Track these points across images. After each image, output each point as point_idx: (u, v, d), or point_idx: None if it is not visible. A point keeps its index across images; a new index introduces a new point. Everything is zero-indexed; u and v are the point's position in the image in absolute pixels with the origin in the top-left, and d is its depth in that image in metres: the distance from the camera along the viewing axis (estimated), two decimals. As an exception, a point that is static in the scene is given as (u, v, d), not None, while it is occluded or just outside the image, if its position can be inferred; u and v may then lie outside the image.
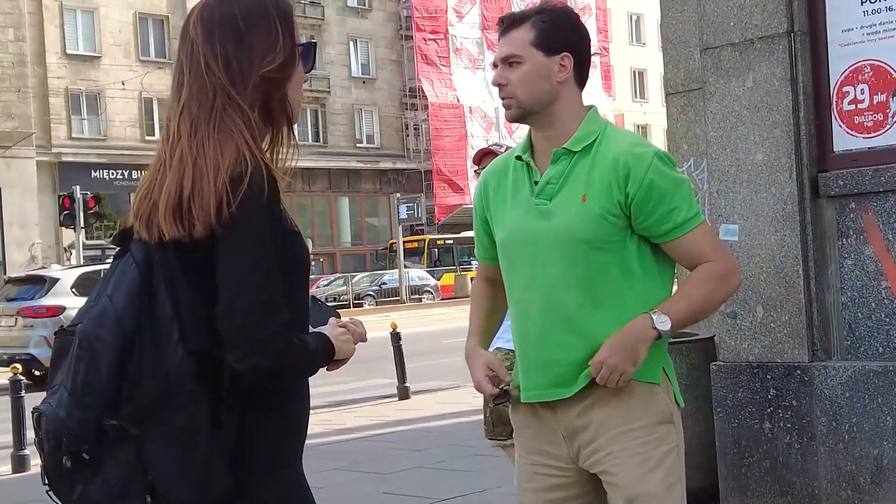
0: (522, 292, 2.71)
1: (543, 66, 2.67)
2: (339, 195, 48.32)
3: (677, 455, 2.69)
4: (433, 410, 10.91)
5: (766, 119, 4.62)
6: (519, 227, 2.70)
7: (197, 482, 1.88)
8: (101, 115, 40.30)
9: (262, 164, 1.95)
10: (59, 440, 1.86)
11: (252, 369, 1.88)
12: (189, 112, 2.01)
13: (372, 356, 8.67)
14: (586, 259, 2.60)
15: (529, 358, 2.71)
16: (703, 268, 2.65)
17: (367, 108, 49.49)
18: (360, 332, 2.14)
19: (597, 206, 2.59)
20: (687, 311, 2.65)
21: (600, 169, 2.62)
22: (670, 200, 2.60)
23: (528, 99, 2.67)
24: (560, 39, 2.69)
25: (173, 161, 1.99)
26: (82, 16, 40.02)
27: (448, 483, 7.05)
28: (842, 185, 4.49)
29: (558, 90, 2.69)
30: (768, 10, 4.62)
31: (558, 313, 2.63)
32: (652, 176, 2.59)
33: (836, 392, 4.42)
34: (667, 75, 5.39)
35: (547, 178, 2.67)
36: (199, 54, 2.02)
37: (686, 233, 2.62)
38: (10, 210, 36.76)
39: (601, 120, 2.75)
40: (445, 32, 49.62)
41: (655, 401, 2.66)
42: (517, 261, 2.72)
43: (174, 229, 1.94)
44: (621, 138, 2.70)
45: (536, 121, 2.72)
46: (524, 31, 2.69)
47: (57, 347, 1.97)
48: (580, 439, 2.67)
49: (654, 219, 2.60)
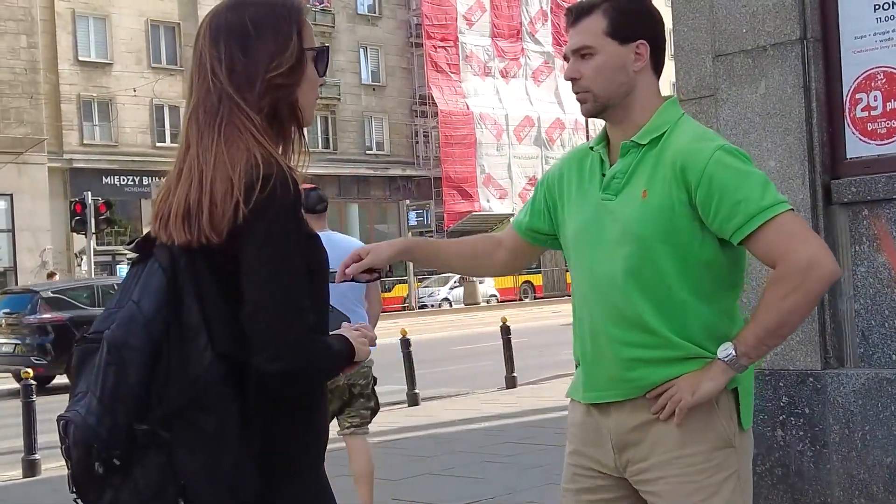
0: (586, 289, 2.61)
1: (619, 57, 2.54)
2: (349, 202, 48.36)
3: (738, 479, 2.55)
4: (442, 417, 10.91)
5: (778, 126, 4.61)
6: (585, 223, 2.60)
7: (227, 486, 1.88)
8: (112, 122, 40.42)
9: (285, 167, 1.96)
10: (89, 447, 1.86)
11: (278, 372, 1.89)
12: (196, 119, 2.02)
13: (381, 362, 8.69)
14: (645, 257, 2.48)
15: (589, 356, 2.62)
16: (772, 275, 2.45)
17: (376, 115, 49.56)
18: (371, 335, 2.15)
19: (657, 201, 2.47)
20: (756, 333, 2.45)
21: (663, 164, 2.49)
22: (735, 192, 2.41)
23: (604, 92, 2.55)
24: (635, 26, 2.56)
25: (184, 168, 2.00)
26: (94, 23, 40.18)
27: (457, 489, 7.05)
28: (854, 192, 4.48)
29: (635, 80, 2.56)
30: (781, 17, 4.62)
31: (619, 312, 2.52)
32: (712, 169, 2.42)
33: (850, 400, 4.41)
34: (678, 82, 5.38)
35: (613, 173, 2.56)
36: (206, 61, 2.04)
37: (761, 224, 2.40)
38: (22, 216, 36.89)
39: (676, 111, 2.61)
40: (455, 40, 49.69)
41: (713, 424, 2.53)
42: (582, 257, 2.62)
43: (183, 235, 1.95)
44: (688, 132, 2.55)
45: (613, 115, 2.59)
46: (595, 20, 2.54)
47: (78, 355, 1.97)
48: (630, 453, 2.57)
49: (724, 214, 2.42)
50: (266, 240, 1.91)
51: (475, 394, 12.06)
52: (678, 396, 2.48)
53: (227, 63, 2.02)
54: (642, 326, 2.51)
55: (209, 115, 2.00)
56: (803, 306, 2.45)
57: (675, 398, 2.48)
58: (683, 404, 2.47)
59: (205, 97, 2.02)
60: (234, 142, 1.97)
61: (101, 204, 26.01)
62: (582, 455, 2.68)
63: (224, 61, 2.02)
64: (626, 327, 2.52)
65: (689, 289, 2.50)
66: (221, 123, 1.99)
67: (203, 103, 2.02)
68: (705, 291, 2.52)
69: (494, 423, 9.46)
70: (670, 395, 2.49)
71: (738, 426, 2.57)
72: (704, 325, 2.52)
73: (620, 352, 2.54)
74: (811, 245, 2.43)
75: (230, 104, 2.00)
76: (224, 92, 2.01)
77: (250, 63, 2.02)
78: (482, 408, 10.68)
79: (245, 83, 2.01)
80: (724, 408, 2.54)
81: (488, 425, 9.70)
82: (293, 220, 1.94)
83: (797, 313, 2.46)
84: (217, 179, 1.94)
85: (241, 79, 2.01)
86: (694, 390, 2.47)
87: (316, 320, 1.96)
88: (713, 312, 2.53)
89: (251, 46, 2.02)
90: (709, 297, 2.52)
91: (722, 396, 2.53)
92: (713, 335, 2.52)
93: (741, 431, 2.58)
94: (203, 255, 1.94)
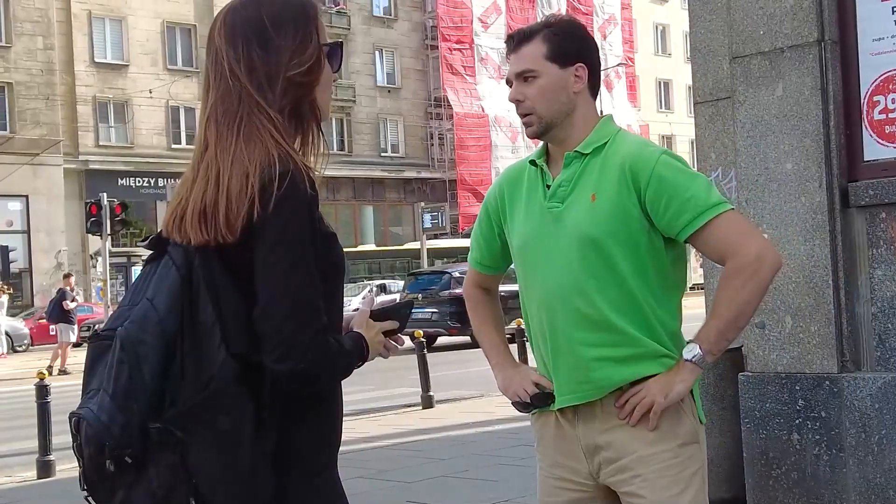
0: (542, 297, 2.68)
1: (560, 79, 2.66)
2: (364, 204, 48.42)
3: (702, 476, 2.67)
4: (457, 420, 10.90)
5: (795, 128, 4.59)
6: (534, 232, 2.69)
7: (241, 486, 1.86)
8: (128, 123, 40.56)
9: (302, 166, 1.94)
10: (101, 445, 1.84)
11: (290, 373, 1.87)
12: (215, 119, 1.99)
13: (396, 365, 8.67)
14: (600, 257, 2.57)
15: (552, 364, 2.69)
16: (725, 269, 2.57)
17: (391, 117, 49.60)
18: (392, 346, 2.16)
19: (606, 203, 2.57)
20: (718, 326, 2.59)
21: (610, 168, 2.60)
22: (685, 190, 2.54)
23: (547, 112, 2.66)
24: (573, 50, 2.68)
25: (201, 168, 1.98)
26: (110, 24, 40.34)
27: (472, 492, 7.04)
28: (872, 194, 4.45)
29: (575, 101, 2.68)
30: (798, 18, 4.60)
31: (580, 314, 2.60)
32: (661, 170, 2.55)
33: (866, 403, 4.38)
34: (695, 84, 5.37)
35: (559, 182, 2.66)
36: (224, 59, 2.00)
37: (709, 220, 2.53)
38: (37, 217, 37.06)
39: (614, 126, 2.73)
40: (471, 42, 49.66)
41: (682, 421, 2.64)
42: (534, 265, 2.70)
43: (200, 235, 1.93)
44: (631, 139, 2.68)
45: (556, 135, 2.70)
46: (536, 46, 2.67)
47: (92, 352, 1.96)
48: (601, 456, 2.65)
49: (673, 211, 2.54)
50: (280, 238, 1.88)
51: (490, 396, 12.03)
52: (649, 399, 2.57)
53: (245, 61, 1.99)
54: (605, 325, 2.59)
55: (228, 115, 1.98)
56: (757, 296, 2.58)
57: (645, 402, 2.57)
58: (657, 407, 2.57)
59: (224, 97, 1.99)
60: (253, 141, 1.94)
61: (116, 205, 26.06)
62: (559, 466, 2.73)
63: (243, 60, 1.99)
64: (588, 328, 2.60)
65: (645, 287, 2.60)
66: (241, 123, 1.96)
67: (222, 103, 1.99)
68: (657, 290, 2.63)
69: (509, 426, 9.44)
70: (639, 399, 2.58)
71: (699, 422, 2.69)
72: (661, 322, 2.63)
73: (583, 353, 2.61)
74: (757, 239, 2.60)
75: (250, 104, 1.97)
76: (244, 91, 1.98)
77: (270, 61, 1.99)
78: (497, 411, 10.65)
79: (265, 82, 1.98)
80: (687, 405, 2.66)
81: (503, 428, 9.68)
82: (309, 219, 1.92)
83: (752, 303, 2.60)
84: (233, 178, 1.91)
85: (262, 77, 1.98)
86: (666, 393, 2.57)
87: (330, 320, 1.94)
88: (665, 311, 2.64)
89: (271, 44, 1.99)
90: (660, 296, 2.63)
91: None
92: (669, 333, 2.64)
93: (701, 426, 2.70)
94: (218, 254, 1.92)
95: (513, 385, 2.77)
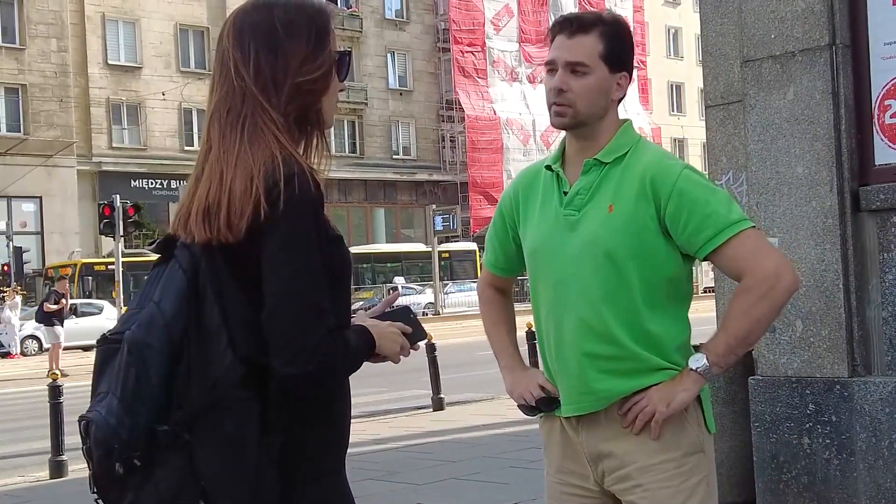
0: (551, 304, 2.66)
1: (606, 82, 2.61)
2: (376, 206, 48.49)
3: (707, 484, 2.62)
4: (467, 422, 10.91)
5: (806, 132, 4.58)
6: (547, 239, 2.65)
7: (248, 489, 1.87)
8: (141, 126, 40.72)
9: (306, 168, 1.94)
10: (109, 448, 1.86)
11: (296, 375, 1.87)
12: (218, 118, 2.00)
13: (407, 367, 8.70)
14: (612, 269, 2.54)
15: (556, 370, 2.67)
16: (739, 286, 2.54)
17: (403, 119, 49.66)
18: (408, 347, 2.14)
19: (623, 215, 2.53)
20: (727, 341, 2.55)
21: (629, 180, 2.56)
22: (704, 206, 2.50)
23: (586, 111, 2.60)
24: (624, 57, 2.64)
25: (206, 168, 1.98)
26: (124, 27, 40.50)
27: (482, 494, 7.04)
28: (883, 198, 4.45)
29: (610, 107, 2.64)
30: (810, 22, 4.59)
31: (585, 324, 2.57)
32: (682, 184, 2.51)
33: (877, 408, 4.38)
34: (706, 88, 5.37)
35: (576, 189, 2.62)
36: (230, 60, 2.00)
37: (729, 238, 2.49)
38: (51, 218, 37.22)
39: (634, 134, 2.69)
40: (483, 45, 49.69)
41: (685, 431, 2.59)
42: (545, 271, 2.67)
43: (202, 233, 1.93)
44: (652, 151, 2.64)
45: (582, 133, 2.65)
46: (594, 41, 2.60)
47: (100, 356, 1.97)
48: (605, 464, 2.62)
49: (693, 228, 2.50)
50: (286, 240, 1.88)
51: (500, 399, 12.02)
52: (651, 408, 2.54)
53: (253, 63, 1.98)
54: (609, 338, 2.56)
55: (232, 115, 1.98)
56: (770, 314, 2.56)
57: (647, 410, 2.54)
58: (659, 416, 2.53)
59: (228, 97, 1.99)
60: (257, 142, 1.94)
61: (129, 207, 26.17)
62: (567, 473, 2.71)
63: (251, 61, 1.98)
64: (592, 339, 2.57)
65: (653, 301, 2.57)
66: (244, 123, 1.96)
67: (226, 103, 1.99)
68: (666, 304, 2.59)
69: (520, 428, 9.43)
70: (641, 407, 2.55)
71: (705, 431, 2.64)
72: (667, 336, 2.59)
73: (587, 364, 2.58)
74: (775, 258, 2.56)
75: (254, 104, 1.97)
76: (248, 91, 1.98)
77: (278, 64, 1.98)
78: (507, 413, 10.63)
79: (271, 84, 1.98)
80: (692, 414, 2.61)
81: (513, 430, 9.68)
82: (314, 221, 1.91)
83: (765, 321, 2.57)
84: (237, 178, 1.92)
85: (268, 80, 1.98)
86: (668, 402, 2.53)
87: (337, 323, 1.93)
88: (673, 324, 2.61)
89: (280, 47, 1.99)
90: (668, 310, 2.60)
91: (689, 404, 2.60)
92: (674, 345, 2.60)
93: (708, 435, 2.66)
94: (224, 257, 1.93)
95: (519, 388, 2.74)
